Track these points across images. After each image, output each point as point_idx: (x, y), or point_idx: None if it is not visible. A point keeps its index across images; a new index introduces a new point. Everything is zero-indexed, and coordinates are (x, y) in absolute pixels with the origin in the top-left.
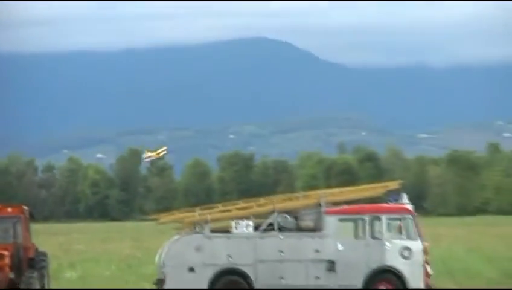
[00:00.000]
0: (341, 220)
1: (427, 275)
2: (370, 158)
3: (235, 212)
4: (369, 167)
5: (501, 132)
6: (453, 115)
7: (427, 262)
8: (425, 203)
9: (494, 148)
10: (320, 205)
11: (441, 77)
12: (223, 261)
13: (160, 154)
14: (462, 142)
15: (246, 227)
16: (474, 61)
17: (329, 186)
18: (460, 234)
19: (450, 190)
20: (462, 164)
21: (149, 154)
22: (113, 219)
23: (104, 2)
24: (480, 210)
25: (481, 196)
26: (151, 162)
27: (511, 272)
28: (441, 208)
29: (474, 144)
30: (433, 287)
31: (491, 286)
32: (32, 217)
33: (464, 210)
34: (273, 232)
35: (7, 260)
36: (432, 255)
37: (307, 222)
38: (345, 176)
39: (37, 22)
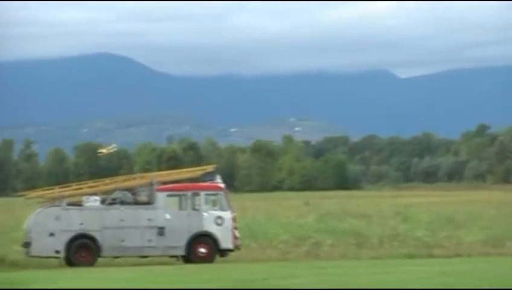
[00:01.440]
0: (169, 195)
1: (235, 237)
2: (192, 147)
3: (86, 190)
4: (191, 154)
5: (293, 127)
6: (257, 113)
7: (235, 228)
8: (235, 182)
9: (288, 139)
10: (152, 184)
11: (248, 83)
12: (76, 227)
13: (111, 150)
14: (264, 135)
15: (94, 201)
16: (272, 72)
17: (160, 170)
18: (262, 206)
19: (254, 172)
20: (263, 152)
21: (102, 150)
22: None
23: None
24: (277, 187)
25: (278, 177)
26: (102, 155)
27: (299, 235)
28: (247, 186)
29: (272, 136)
30: (240, 247)
31: (286, 247)
32: None
33: (264, 187)
34: (115, 205)
35: None
36: (240, 222)
37: (142, 197)
38: (172, 161)
39: None
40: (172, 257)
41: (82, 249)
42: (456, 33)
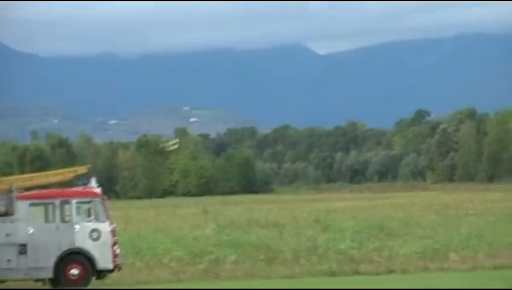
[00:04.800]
0: (32, 204)
1: (115, 255)
2: (62, 144)
3: None
4: (61, 152)
5: (188, 117)
6: (142, 102)
7: (115, 243)
8: (116, 187)
9: (182, 132)
10: (11, 190)
11: (128, 65)
12: None
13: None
14: (151, 127)
15: None
16: (160, 50)
17: (23, 173)
18: (149, 215)
19: (140, 173)
20: (150, 148)
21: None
22: None
23: None
24: (169, 192)
25: (169, 179)
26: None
27: (195, 251)
28: (131, 191)
29: (162, 129)
30: (121, 266)
31: (179, 265)
32: None
33: (153, 192)
34: None
35: None
36: (122, 236)
37: None
38: (38, 162)
39: None
40: (37, 280)
41: None
42: None
